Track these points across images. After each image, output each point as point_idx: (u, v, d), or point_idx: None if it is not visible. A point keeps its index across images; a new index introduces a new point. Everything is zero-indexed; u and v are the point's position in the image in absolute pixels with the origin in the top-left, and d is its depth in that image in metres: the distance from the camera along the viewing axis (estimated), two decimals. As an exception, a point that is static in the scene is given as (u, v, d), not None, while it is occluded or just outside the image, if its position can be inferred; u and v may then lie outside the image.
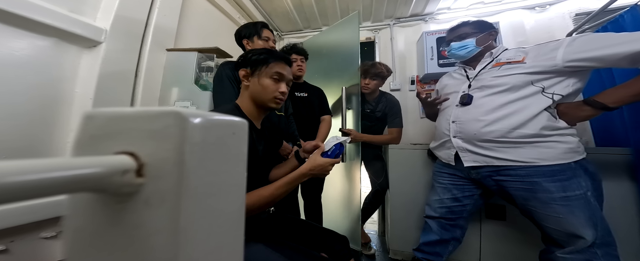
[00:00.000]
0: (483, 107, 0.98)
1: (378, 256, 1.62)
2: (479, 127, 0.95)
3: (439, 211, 1.13)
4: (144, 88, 1.17)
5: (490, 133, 0.93)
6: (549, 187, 0.85)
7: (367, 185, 1.78)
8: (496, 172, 0.96)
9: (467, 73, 1.12)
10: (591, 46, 0.81)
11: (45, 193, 0.15)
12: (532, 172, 0.88)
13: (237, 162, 0.24)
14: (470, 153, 1.00)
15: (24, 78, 0.84)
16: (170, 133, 0.19)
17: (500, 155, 0.93)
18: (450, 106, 1.11)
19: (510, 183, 0.93)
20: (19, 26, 0.81)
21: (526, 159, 0.89)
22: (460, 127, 1.02)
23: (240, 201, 0.25)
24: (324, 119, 1.52)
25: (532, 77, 0.91)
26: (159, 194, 0.19)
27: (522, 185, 0.90)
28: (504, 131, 0.91)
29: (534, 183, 0.88)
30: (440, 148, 1.14)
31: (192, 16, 1.54)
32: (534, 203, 0.89)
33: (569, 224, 0.83)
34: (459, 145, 1.02)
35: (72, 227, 0.22)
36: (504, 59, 1.01)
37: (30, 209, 0.80)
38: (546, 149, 0.87)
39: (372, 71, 1.65)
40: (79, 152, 0.22)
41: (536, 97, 0.90)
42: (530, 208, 0.91)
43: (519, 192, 0.92)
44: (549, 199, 0.85)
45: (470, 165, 1.00)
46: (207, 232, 0.21)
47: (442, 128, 1.11)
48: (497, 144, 0.93)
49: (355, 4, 2.11)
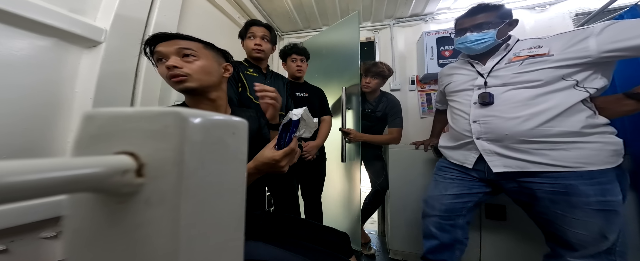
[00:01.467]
0: (511, 101, 0.86)
1: (378, 256, 1.62)
2: (513, 125, 0.84)
3: (438, 208, 1.03)
4: (144, 88, 1.17)
5: (528, 131, 0.82)
6: (587, 191, 0.76)
7: (367, 185, 1.78)
8: (523, 173, 0.85)
9: (477, 69, 0.98)
10: (628, 34, 0.73)
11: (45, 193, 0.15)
12: (567, 173, 0.79)
13: (237, 161, 0.24)
14: (499, 157, 0.88)
15: (23, 79, 0.84)
16: (170, 133, 0.19)
17: (539, 158, 0.81)
18: (463, 103, 0.99)
19: (538, 185, 0.83)
20: (19, 26, 0.81)
21: (570, 163, 0.78)
22: (486, 127, 0.89)
23: (240, 201, 0.25)
24: (324, 119, 1.52)
25: (563, 71, 0.81)
26: (159, 194, 0.19)
27: (552, 187, 0.81)
28: (544, 128, 0.80)
29: (568, 186, 0.78)
30: (457, 149, 1.03)
31: (192, 16, 1.54)
32: (561, 208, 0.80)
33: (596, 228, 0.76)
34: (486, 148, 0.90)
35: (72, 227, 0.22)
36: (523, 52, 0.89)
37: (30, 209, 0.80)
38: (591, 151, 0.77)
39: (373, 70, 1.65)
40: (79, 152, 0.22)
41: (570, 92, 0.80)
42: (553, 212, 0.82)
43: (547, 194, 0.82)
44: (583, 203, 0.76)
45: (500, 170, 0.87)
46: (207, 232, 0.21)
47: (460, 130, 0.99)
48: (536, 145, 0.82)
49: (355, 4, 2.11)
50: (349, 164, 1.71)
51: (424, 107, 2.15)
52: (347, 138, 1.62)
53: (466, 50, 1.00)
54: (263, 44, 1.25)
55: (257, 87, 0.83)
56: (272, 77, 1.36)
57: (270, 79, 1.34)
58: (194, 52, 0.71)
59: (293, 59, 1.48)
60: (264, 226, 0.82)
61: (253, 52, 1.26)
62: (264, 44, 1.25)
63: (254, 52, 1.25)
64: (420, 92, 2.17)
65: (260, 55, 1.26)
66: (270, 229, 0.82)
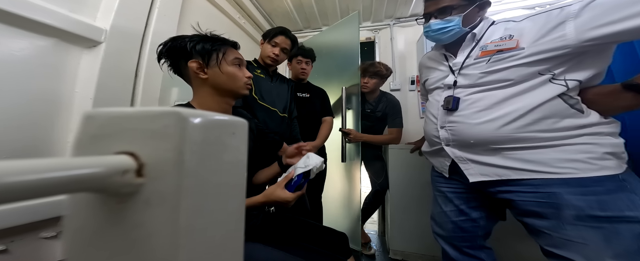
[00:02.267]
0: (476, 105, 0.75)
1: (378, 256, 1.62)
2: (478, 131, 0.73)
3: (446, 228, 0.88)
4: (144, 88, 1.17)
5: (494, 135, 0.70)
6: (576, 202, 0.61)
7: (367, 185, 1.78)
8: (503, 183, 0.72)
9: (449, 63, 0.86)
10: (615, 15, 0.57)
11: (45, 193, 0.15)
12: (551, 180, 0.64)
13: (237, 161, 0.24)
14: (474, 165, 0.76)
15: (23, 78, 0.84)
16: (170, 133, 0.19)
17: (516, 163, 0.68)
18: (433, 104, 0.87)
19: (520, 196, 0.69)
20: (19, 26, 0.81)
21: (552, 168, 0.64)
22: (453, 134, 0.79)
23: (240, 201, 0.25)
24: (325, 120, 1.52)
25: (537, 67, 0.67)
26: (159, 194, 0.19)
27: (536, 197, 0.66)
28: (512, 129, 0.68)
29: (552, 195, 0.63)
30: (433, 156, 0.92)
31: (192, 16, 1.54)
32: (550, 225, 0.64)
33: (595, 254, 0.58)
34: (457, 155, 0.79)
35: (72, 227, 0.22)
36: (491, 45, 0.75)
37: (30, 209, 0.80)
38: (576, 154, 0.63)
39: (370, 70, 1.65)
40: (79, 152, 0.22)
41: (545, 87, 0.67)
42: (544, 234, 0.66)
43: (533, 207, 0.67)
44: (575, 218, 0.60)
45: (478, 180, 0.75)
46: (207, 232, 0.21)
47: (430, 135, 0.89)
48: (509, 150, 0.70)
49: (355, 4, 2.11)
50: (349, 164, 1.71)
51: (424, 107, 2.14)
52: (347, 139, 1.62)
53: (433, 40, 0.88)
54: (280, 55, 1.29)
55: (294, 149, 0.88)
56: (278, 80, 1.37)
57: (276, 82, 1.36)
58: None
59: (298, 60, 1.50)
60: (263, 227, 0.82)
61: (267, 59, 1.30)
62: (281, 55, 1.30)
63: (268, 59, 1.30)
64: (420, 92, 2.17)
65: (272, 63, 1.31)
66: (269, 230, 0.83)
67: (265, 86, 1.29)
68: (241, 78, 0.73)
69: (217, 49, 0.71)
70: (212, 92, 0.72)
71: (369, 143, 1.70)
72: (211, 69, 0.70)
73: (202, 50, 0.70)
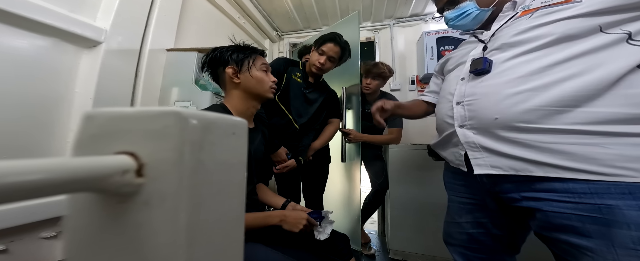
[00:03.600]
0: (511, 73, 0.56)
1: (378, 256, 1.62)
2: (507, 106, 0.54)
3: (457, 238, 0.75)
4: (144, 88, 1.17)
5: (528, 113, 0.51)
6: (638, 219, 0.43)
7: (367, 185, 1.78)
8: (527, 185, 0.55)
9: (479, 37, 0.71)
10: None
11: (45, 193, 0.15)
12: (603, 187, 0.46)
13: (237, 162, 0.24)
14: (486, 153, 0.59)
15: (24, 78, 0.84)
16: (170, 133, 0.19)
17: (548, 157, 0.50)
18: (451, 81, 0.73)
19: (552, 206, 0.51)
20: (19, 26, 0.81)
21: (609, 168, 0.45)
22: (472, 110, 0.61)
23: (241, 201, 0.25)
24: (331, 122, 1.48)
25: (601, 19, 0.49)
26: (159, 194, 0.19)
27: (577, 209, 0.48)
28: (558, 108, 0.49)
29: (604, 209, 0.45)
30: (444, 146, 0.74)
31: (192, 16, 1.54)
32: (593, 246, 0.46)
33: None
34: (469, 140, 0.61)
35: (72, 227, 0.22)
36: (536, 2, 0.60)
37: (30, 209, 0.80)
38: None
39: (374, 71, 1.64)
40: (79, 152, 0.22)
41: (616, 50, 0.48)
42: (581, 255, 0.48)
43: (568, 221, 0.49)
44: (634, 241, 0.42)
45: (485, 172, 0.58)
46: (207, 232, 0.21)
47: (442, 116, 0.72)
48: (544, 135, 0.50)
49: (355, 4, 2.11)
50: (349, 164, 1.71)
51: (424, 107, 2.15)
52: (347, 139, 1.62)
53: (459, 28, 0.78)
54: (326, 64, 1.23)
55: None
56: (314, 91, 1.32)
57: (311, 91, 1.31)
58: None
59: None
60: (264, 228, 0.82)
61: (312, 67, 1.26)
62: (327, 64, 1.24)
63: (314, 67, 1.26)
64: (420, 92, 2.17)
65: (317, 72, 1.28)
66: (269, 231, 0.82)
67: (295, 91, 1.27)
68: (267, 82, 0.82)
69: (248, 56, 0.81)
70: (243, 95, 0.81)
71: (369, 143, 1.70)
72: (243, 74, 0.79)
73: (236, 58, 0.80)
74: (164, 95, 1.27)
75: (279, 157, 1.17)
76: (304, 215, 0.76)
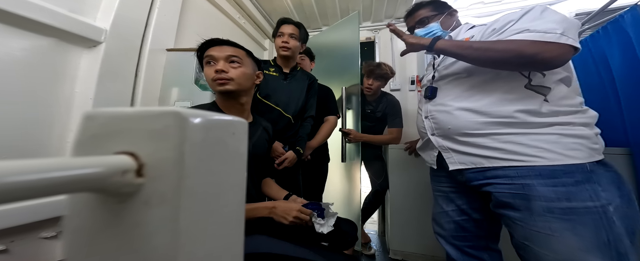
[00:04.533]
0: (448, 94, 0.81)
1: (378, 256, 1.62)
2: (452, 118, 0.77)
3: (448, 228, 0.88)
4: (144, 88, 1.17)
5: (467, 124, 0.74)
6: (546, 193, 0.61)
7: (367, 185, 1.78)
8: (482, 174, 0.73)
9: (434, 62, 0.95)
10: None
11: (45, 193, 0.15)
12: (524, 171, 0.65)
13: (237, 161, 0.24)
14: (454, 154, 0.79)
15: (24, 78, 0.84)
16: (170, 133, 0.19)
17: (489, 152, 0.70)
18: (421, 99, 0.97)
19: (496, 188, 0.70)
20: (19, 26, 0.81)
21: (516, 156, 0.66)
22: (435, 122, 0.83)
23: (241, 201, 0.25)
24: (327, 119, 1.48)
25: None
26: (159, 194, 0.19)
27: (510, 188, 0.66)
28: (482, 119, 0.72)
29: (526, 187, 0.64)
30: (424, 149, 0.95)
31: (192, 16, 1.54)
32: (522, 217, 0.64)
33: (564, 246, 0.58)
34: (441, 144, 0.82)
35: (72, 227, 0.22)
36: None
37: (30, 209, 0.80)
38: (547, 144, 0.64)
39: (377, 72, 1.63)
40: (79, 152, 0.22)
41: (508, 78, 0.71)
42: (515, 225, 0.66)
43: (506, 199, 0.67)
44: (544, 209, 0.61)
45: (456, 167, 0.78)
46: (207, 232, 0.21)
47: (419, 127, 0.94)
48: (482, 138, 0.72)
49: (355, 4, 2.11)
50: (349, 164, 1.71)
51: (424, 107, 2.15)
52: (347, 139, 1.62)
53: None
54: (290, 40, 1.25)
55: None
56: (293, 79, 1.33)
57: (291, 81, 1.31)
58: (239, 59, 0.79)
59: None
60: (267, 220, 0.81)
61: (280, 50, 1.27)
62: (291, 40, 1.25)
63: (281, 50, 1.26)
64: (420, 92, 2.17)
65: (287, 53, 1.27)
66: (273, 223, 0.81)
67: (274, 85, 1.27)
68: (209, 75, 0.77)
69: (200, 55, 0.78)
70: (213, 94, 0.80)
71: (369, 143, 1.70)
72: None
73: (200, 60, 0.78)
74: (164, 95, 1.27)
75: (275, 152, 1.16)
76: (295, 206, 0.72)
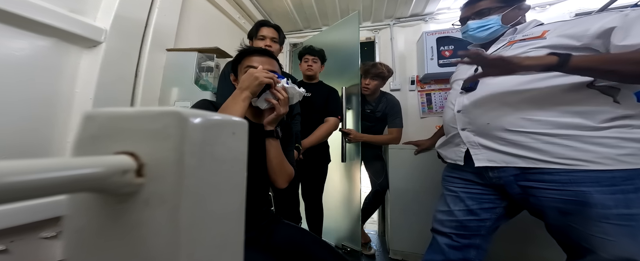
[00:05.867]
0: (494, 88, 0.75)
1: (378, 256, 1.62)
2: (496, 115, 0.73)
3: (448, 225, 0.86)
4: (144, 88, 1.17)
5: (513, 121, 0.69)
6: (604, 201, 0.60)
7: (367, 185, 1.78)
8: (522, 175, 0.71)
9: None
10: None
11: (45, 193, 0.15)
12: (579, 177, 0.62)
13: (237, 162, 0.24)
14: (484, 150, 0.76)
15: (24, 78, 0.84)
16: (170, 133, 0.19)
17: (528, 152, 0.67)
18: (453, 93, 0.91)
19: (542, 192, 0.67)
20: (19, 26, 0.81)
21: (567, 160, 0.63)
22: (468, 117, 0.79)
23: (240, 201, 0.24)
24: (327, 120, 1.47)
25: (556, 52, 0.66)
26: (159, 194, 0.19)
27: (561, 195, 0.64)
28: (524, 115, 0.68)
29: (580, 194, 0.62)
30: (447, 146, 0.91)
31: (192, 16, 1.54)
32: (575, 220, 0.64)
33: (620, 251, 0.59)
34: (470, 140, 0.78)
35: (72, 227, 0.22)
36: (520, 35, 0.79)
37: (30, 209, 0.80)
38: (602, 148, 0.61)
39: (372, 71, 1.65)
40: (79, 152, 0.22)
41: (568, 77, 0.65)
42: (566, 226, 0.66)
43: (555, 203, 0.66)
44: (601, 216, 0.60)
45: (483, 164, 0.75)
46: (207, 232, 0.21)
47: (447, 121, 0.89)
48: (525, 137, 0.68)
49: (355, 4, 2.11)
50: (349, 164, 1.71)
51: (424, 107, 2.15)
52: (347, 139, 1.62)
53: (472, 39, 0.91)
54: (273, 45, 1.28)
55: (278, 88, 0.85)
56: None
57: None
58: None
59: (306, 59, 1.52)
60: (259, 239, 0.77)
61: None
62: (273, 45, 1.28)
63: None
64: (420, 92, 2.17)
65: None
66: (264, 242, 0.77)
67: None
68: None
69: (237, 61, 0.81)
70: None
71: (369, 143, 1.70)
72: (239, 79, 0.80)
73: (233, 64, 0.82)
74: (164, 95, 1.27)
75: None
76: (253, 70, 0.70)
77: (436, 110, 2.11)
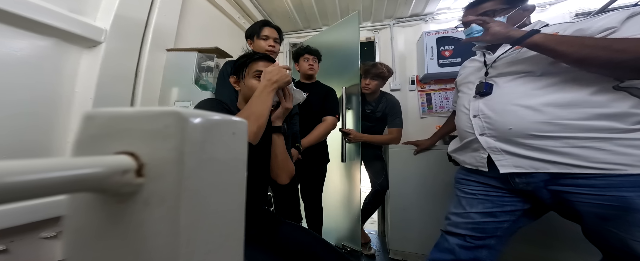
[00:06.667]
0: (512, 92, 0.73)
1: (378, 256, 1.62)
2: (517, 118, 0.70)
3: (463, 227, 0.82)
4: (144, 88, 1.17)
5: (539, 125, 0.67)
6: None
7: (367, 185, 1.78)
8: (552, 180, 0.68)
9: (485, 58, 0.86)
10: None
11: (45, 193, 0.15)
12: (618, 182, 0.60)
13: (237, 161, 0.24)
14: (508, 156, 0.73)
15: (24, 78, 0.84)
16: (170, 133, 0.19)
17: (560, 158, 0.65)
18: (465, 96, 0.88)
19: (577, 197, 0.65)
20: (19, 26, 0.81)
21: (605, 164, 0.61)
22: (489, 121, 0.76)
23: (241, 201, 0.24)
24: (325, 120, 1.47)
25: None
26: (159, 194, 0.19)
27: (598, 199, 0.62)
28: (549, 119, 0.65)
29: (621, 198, 0.59)
30: (464, 151, 0.88)
31: (192, 16, 1.54)
32: (615, 225, 0.62)
33: None
34: (491, 146, 0.75)
35: (72, 227, 0.22)
36: None
37: (30, 209, 0.80)
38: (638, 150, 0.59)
39: (373, 71, 1.65)
40: (79, 152, 0.22)
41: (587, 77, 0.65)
42: (606, 230, 0.63)
43: (592, 208, 0.64)
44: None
45: (509, 171, 0.72)
46: (207, 232, 0.21)
47: (462, 127, 0.86)
48: (551, 140, 0.66)
49: (355, 4, 2.11)
50: (349, 164, 1.71)
51: (424, 107, 2.15)
52: (347, 139, 1.62)
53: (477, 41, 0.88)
54: (276, 45, 1.31)
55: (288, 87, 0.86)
56: None
57: None
58: None
59: (306, 58, 1.53)
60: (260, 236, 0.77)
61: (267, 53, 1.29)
62: (276, 45, 1.31)
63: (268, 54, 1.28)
64: (420, 92, 2.17)
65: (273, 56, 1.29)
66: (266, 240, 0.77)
67: None
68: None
69: (245, 64, 0.82)
70: (243, 100, 0.83)
71: (369, 143, 1.70)
72: (242, 82, 0.82)
73: (237, 67, 0.84)
74: (164, 95, 1.27)
75: None
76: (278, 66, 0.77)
77: (436, 110, 2.11)
